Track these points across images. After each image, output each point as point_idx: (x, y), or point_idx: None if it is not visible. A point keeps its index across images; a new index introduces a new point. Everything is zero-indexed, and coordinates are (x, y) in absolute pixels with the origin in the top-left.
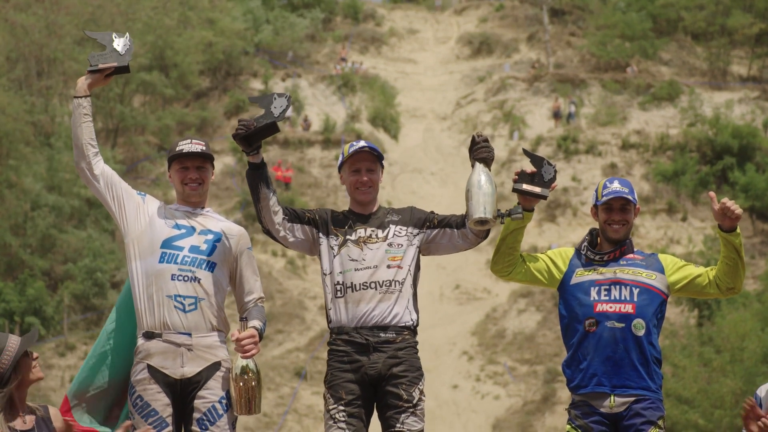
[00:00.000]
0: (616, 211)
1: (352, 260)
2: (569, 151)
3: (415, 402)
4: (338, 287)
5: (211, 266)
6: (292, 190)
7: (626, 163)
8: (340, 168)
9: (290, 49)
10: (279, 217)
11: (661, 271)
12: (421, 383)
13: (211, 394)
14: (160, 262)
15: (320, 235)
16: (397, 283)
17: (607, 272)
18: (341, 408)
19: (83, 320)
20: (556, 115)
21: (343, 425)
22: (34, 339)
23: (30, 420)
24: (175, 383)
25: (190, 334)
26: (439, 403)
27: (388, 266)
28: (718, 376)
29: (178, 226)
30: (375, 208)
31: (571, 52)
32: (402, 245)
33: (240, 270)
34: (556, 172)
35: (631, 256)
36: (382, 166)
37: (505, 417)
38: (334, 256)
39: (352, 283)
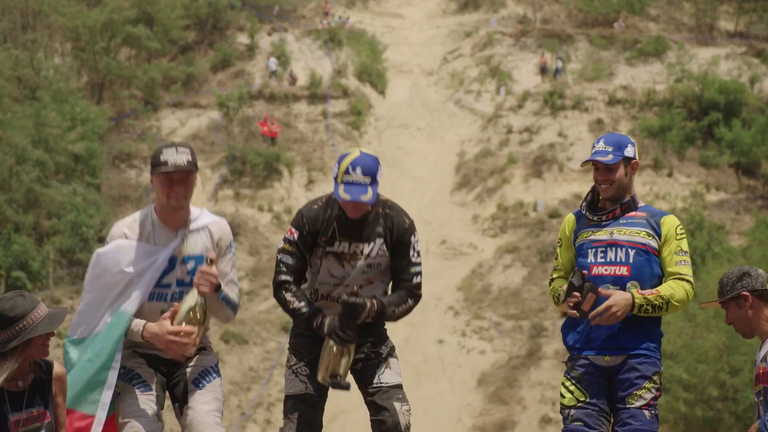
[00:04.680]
0: (600, 171)
1: (332, 276)
2: (555, 107)
3: (384, 356)
4: (314, 294)
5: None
6: (278, 145)
7: (612, 118)
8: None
9: (276, 3)
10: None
11: (658, 236)
12: (387, 343)
13: (202, 362)
14: (149, 300)
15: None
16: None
17: (605, 233)
18: (303, 365)
19: (69, 275)
20: (543, 70)
21: (304, 378)
22: (60, 320)
23: (27, 381)
24: (161, 361)
25: None
26: (424, 358)
27: (360, 286)
28: (702, 331)
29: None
30: (368, 210)
31: (558, 8)
32: (380, 265)
33: (217, 266)
34: (582, 275)
35: (633, 214)
36: (378, 182)
37: (491, 372)
38: (319, 267)
39: (329, 295)
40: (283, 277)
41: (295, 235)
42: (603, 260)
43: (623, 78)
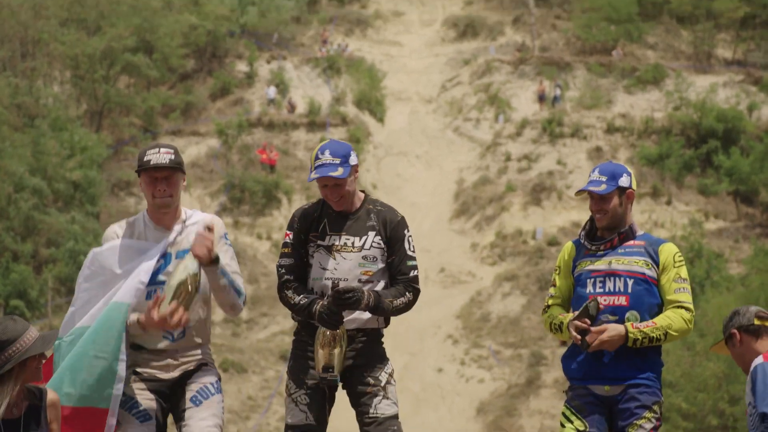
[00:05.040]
0: (594, 201)
1: (324, 269)
2: (554, 135)
3: (383, 384)
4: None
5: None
6: (277, 173)
7: (611, 146)
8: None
9: (275, 31)
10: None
11: (657, 264)
12: (387, 367)
13: (203, 378)
14: (147, 299)
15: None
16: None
17: (603, 263)
18: (303, 393)
19: (67, 303)
20: (541, 98)
21: (305, 408)
22: (52, 342)
23: (21, 408)
24: (161, 382)
25: (177, 351)
26: (423, 386)
27: (359, 280)
28: (701, 360)
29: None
30: (357, 205)
31: (557, 35)
32: (376, 259)
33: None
34: (598, 306)
35: (631, 243)
36: (351, 165)
37: (490, 400)
38: (311, 263)
39: (322, 292)
40: (284, 278)
41: (290, 236)
42: (602, 290)
43: (622, 106)
